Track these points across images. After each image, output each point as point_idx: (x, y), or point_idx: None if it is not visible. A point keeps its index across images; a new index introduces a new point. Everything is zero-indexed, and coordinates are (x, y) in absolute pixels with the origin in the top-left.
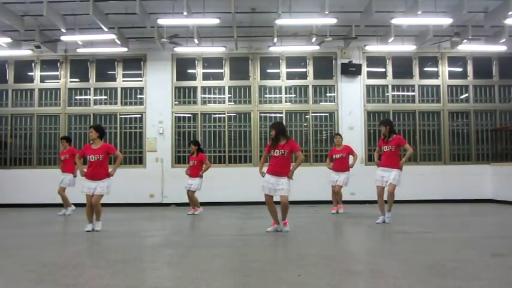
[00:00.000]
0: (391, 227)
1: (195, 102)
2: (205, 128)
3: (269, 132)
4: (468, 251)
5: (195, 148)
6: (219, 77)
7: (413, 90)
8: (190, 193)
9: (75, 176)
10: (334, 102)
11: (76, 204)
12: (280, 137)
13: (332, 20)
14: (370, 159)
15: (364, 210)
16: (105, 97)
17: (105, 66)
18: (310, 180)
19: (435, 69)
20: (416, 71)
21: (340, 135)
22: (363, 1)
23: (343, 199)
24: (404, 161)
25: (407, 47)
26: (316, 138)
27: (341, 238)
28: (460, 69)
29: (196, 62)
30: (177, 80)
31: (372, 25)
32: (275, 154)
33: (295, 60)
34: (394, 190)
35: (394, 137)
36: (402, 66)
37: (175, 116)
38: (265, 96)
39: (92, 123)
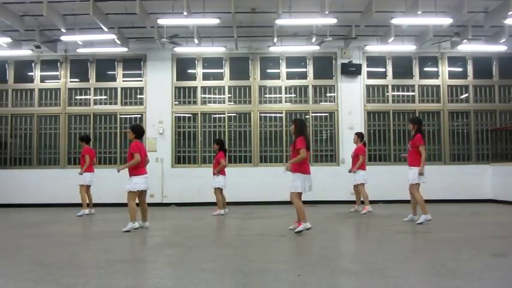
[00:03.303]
0: (391, 227)
1: (195, 102)
2: (205, 128)
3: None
4: (468, 251)
5: (216, 147)
6: (219, 77)
7: (413, 90)
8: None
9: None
10: (334, 102)
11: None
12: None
13: (332, 20)
14: (370, 159)
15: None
16: (105, 97)
17: (105, 66)
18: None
19: (435, 69)
20: (416, 71)
21: (356, 133)
22: (363, 1)
23: (342, 199)
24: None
25: (407, 47)
26: (316, 138)
27: (341, 238)
28: (460, 69)
29: (196, 62)
30: (177, 80)
31: (372, 25)
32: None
33: (295, 60)
34: (414, 190)
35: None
36: (402, 66)
37: (175, 116)
38: (265, 96)
39: (91, 123)
